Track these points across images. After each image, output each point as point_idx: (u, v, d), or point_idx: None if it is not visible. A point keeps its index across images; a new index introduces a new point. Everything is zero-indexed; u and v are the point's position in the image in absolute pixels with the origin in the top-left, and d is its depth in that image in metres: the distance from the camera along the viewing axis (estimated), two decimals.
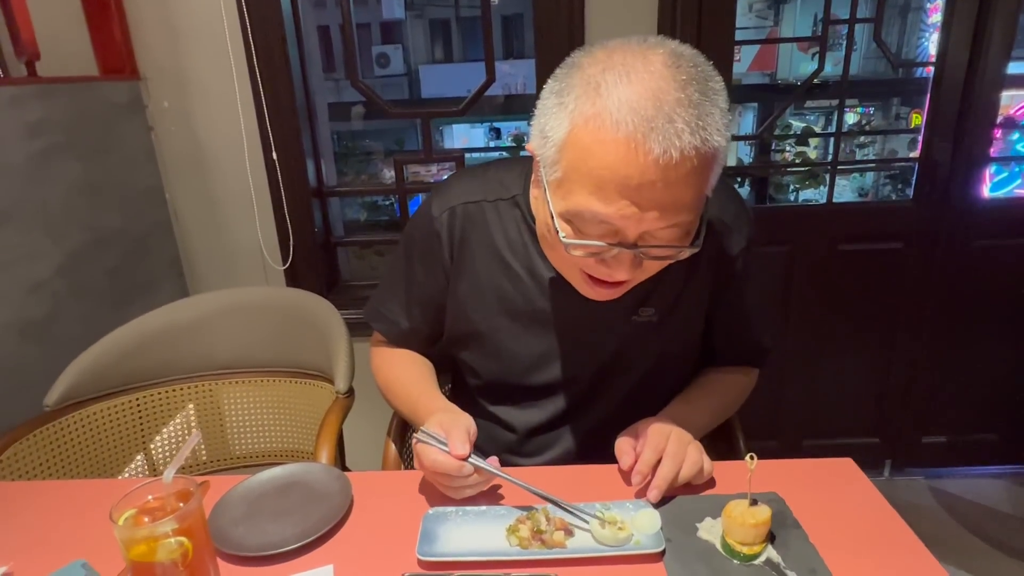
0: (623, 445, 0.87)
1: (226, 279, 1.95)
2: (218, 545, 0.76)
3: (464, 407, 1.12)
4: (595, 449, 0.99)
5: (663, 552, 0.74)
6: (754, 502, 0.75)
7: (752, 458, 0.74)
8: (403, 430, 1.17)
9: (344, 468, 1.41)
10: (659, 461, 0.82)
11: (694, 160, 0.68)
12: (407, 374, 1.03)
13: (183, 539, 0.59)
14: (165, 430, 1.43)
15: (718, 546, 0.75)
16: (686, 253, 0.77)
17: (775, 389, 2.16)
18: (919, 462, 2.28)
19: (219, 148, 1.85)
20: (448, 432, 0.79)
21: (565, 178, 0.73)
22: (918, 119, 2.39)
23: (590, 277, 0.81)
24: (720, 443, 1.15)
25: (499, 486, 0.86)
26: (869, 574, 0.71)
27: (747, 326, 1.06)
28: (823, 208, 2.04)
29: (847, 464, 0.91)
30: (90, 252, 1.59)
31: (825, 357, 2.14)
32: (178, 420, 1.46)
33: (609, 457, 0.89)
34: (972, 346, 2.12)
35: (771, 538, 0.75)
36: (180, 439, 1.45)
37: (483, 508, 0.82)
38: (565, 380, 0.99)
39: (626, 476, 0.85)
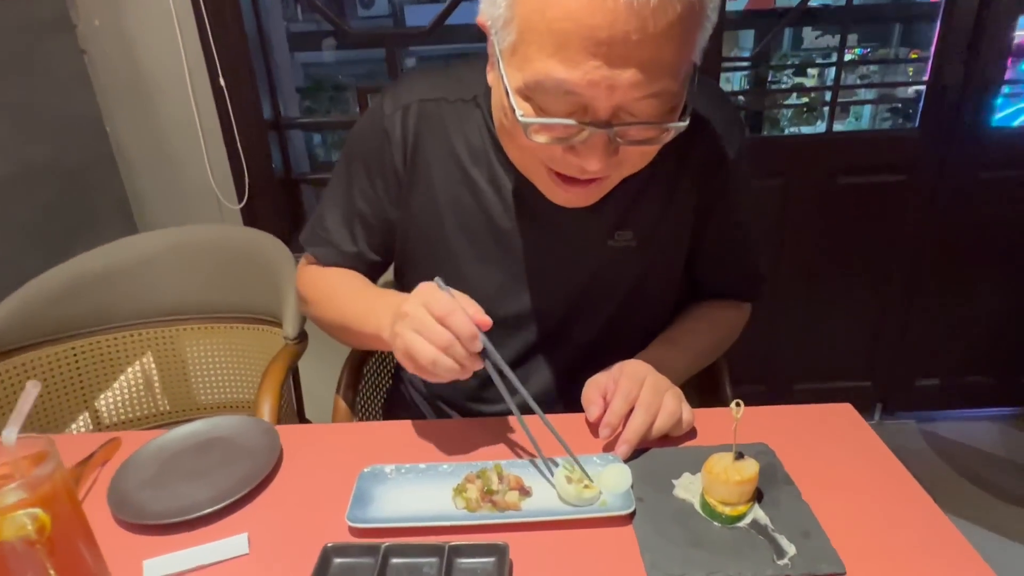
0: (591, 393, 0.77)
1: (179, 219, 1.81)
2: (115, 512, 0.66)
3: None
4: (566, 393, 0.88)
5: (633, 514, 0.64)
6: (739, 455, 0.64)
7: (738, 405, 0.62)
8: (354, 381, 1.05)
9: (305, 422, 1.32)
10: (632, 411, 0.72)
11: (677, 6, 0.55)
12: (350, 281, 0.88)
13: (37, 511, 0.48)
14: (112, 381, 1.32)
15: (697, 506, 0.65)
16: (671, 133, 0.64)
17: (765, 331, 2.06)
18: (911, 405, 2.22)
19: (160, 73, 1.67)
20: (460, 299, 0.67)
21: (520, 40, 0.60)
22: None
23: (558, 176, 0.69)
24: (705, 390, 1.05)
25: (451, 438, 0.76)
26: (871, 537, 0.61)
27: (738, 250, 0.93)
28: (822, 138, 1.90)
29: (845, 410, 0.81)
30: (18, 186, 1.44)
31: (818, 298, 2.03)
32: (127, 370, 1.34)
33: (579, 403, 0.79)
34: (971, 284, 2.02)
35: (758, 496, 0.65)
36: (130, 390, 1.34)
37: (424, 466, 0.71)
38: (532, 313, 0.87)
39: (594, 428, 0.75)
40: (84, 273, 1.27)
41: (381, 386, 1.18)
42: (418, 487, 0.68)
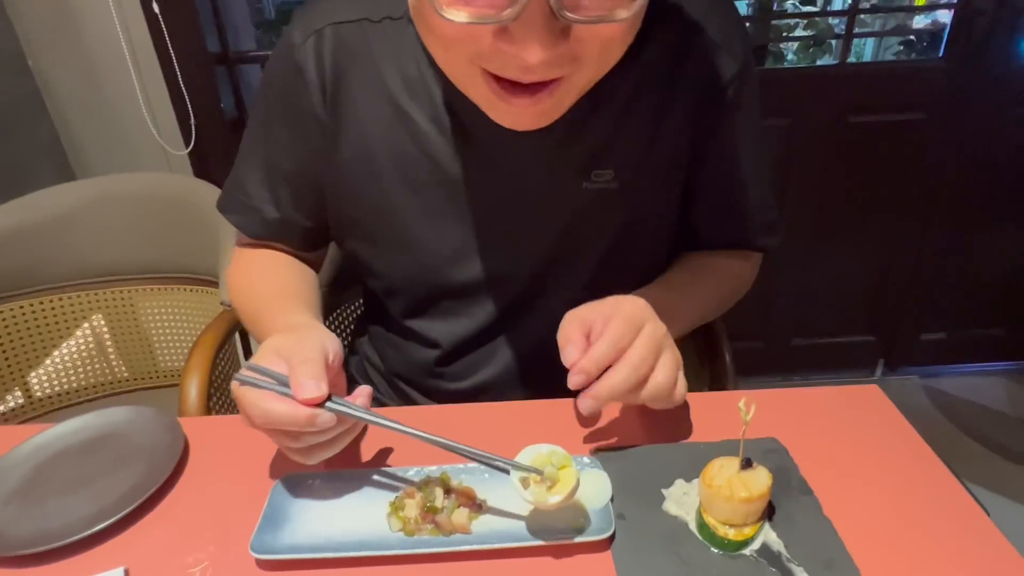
0: (572, 330, 0.58)
1: (120, 166, 1.62)
2: None
3: (376, 323, 0.87)
4: (535, 374, 0.74)
5: (612, 537, 0.51)
6: (747, 463, 0.51)
7: (747, 404, 0.48)
8: None
9: None
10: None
11: None
12: (264, 284, 0.74)
13: None
14: (39, 351, 1.18)
15: (692, 526, 0.52)
16: (635, 4, 0.48)
17: (764, 283, 1.91)
18: (915, 360, 2.11)
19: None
20: (290, 362, 0.52)
21: None
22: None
23: (497, 83, 0.52)
24: (701, 351, 0.92)
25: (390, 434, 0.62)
26: (915, 569, 0.48)
27: (746, 190, 0.76)
28: (835, 71, 1.72)
29: (871, 393, 0.67)
30: None
31: (822, 248, 1.89)
32: (55, 339, 1.20)
33: (555, 381, 0.65)
34: (986, 232, 1.88)
35: (769, 511, 0.52)
36: (60, 362, 1.19)
37: (349, 474, 0.57)
38: (495, 277, 0.72)
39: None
40: None
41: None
42: (347, 502, 0.55)
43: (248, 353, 1.15)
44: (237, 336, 1.19)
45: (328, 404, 0.50)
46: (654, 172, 0.69)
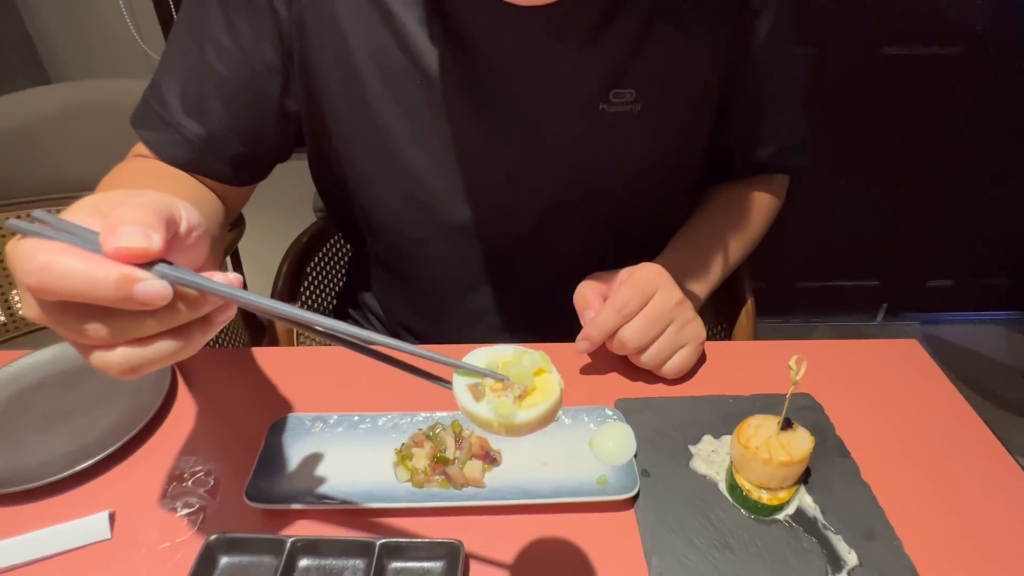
0: (589, 293, 0.58)
1: (98, 71, 1.51)
2: None
3: (366, 271, 0.77)
4: (543, 321, 0.68)
5: (636, 496, 0.47)
6: (788, 423, 0.47)
7: (797, 364, 0.44)
8: (293, 286, 0.85)
9: (251, 318, 1.13)
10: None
11: None
12: (125, 180, 0.57)
13: None
14: (5, 269, 1.12)
15: (722, 486, 0.48)
16: None
17: (774, 224, 1.86)
18: (918, 307, 2.08)
19: None
20: (112, 210, 0.29)
21: None
22: None
23: None
24: (720, 294, 0.87)
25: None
26: (960, 536, 0.45)
27: (779, 104, 0.70)
28: None
29: (910, 347, 0.63)
30: None
31: (834, 190, 1.81)
32: None
33: (561, 333, 0.61)
34: (1009, 181, 1.80)
35: (805, 475, 0.48)
36: None
37: (357, 417, 0.53)
38: (498, 214, 0.64)
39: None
40: None
41: (329, 289, 0.98)
42: (349, 447, 0.51)
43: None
44: (228, 260, 1.14)
45: (159, 267, 0.28)
46: (681, 96, 0.61)
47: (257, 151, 0.62)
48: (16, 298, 1.14)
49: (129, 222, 0.28)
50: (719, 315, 0.89)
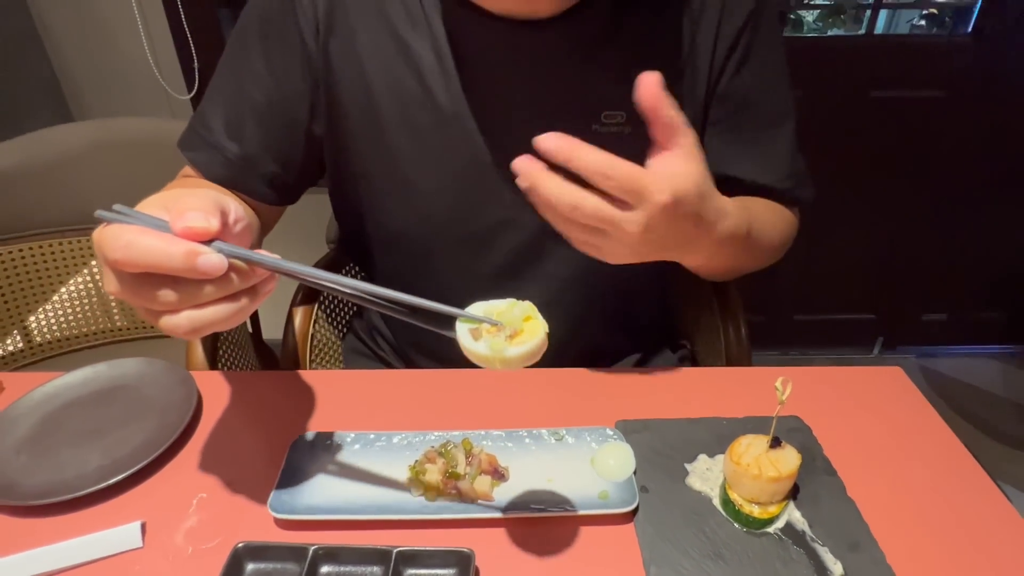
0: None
1: (120, 109, 1.58)
2: None
3: (376, 281, 0.82)
4: (554, 318, 0.71)
5: (635, 510, 0.50)
6: (776, 442, 0.50)
7: (783, 385, 0.48)
8: (306, 314, 0.88)
9: (263, 347, 1.17)
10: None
11: None
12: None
13: None
14: (37, 296, 1.16)
15: (716, 501, 0.51)
16: None
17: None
18: (914, 340, 2.12)
19: None
20: (175, 205, 0.39)
21: None
22: None
23: None
24: (717, 318, 0.91)
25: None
26: (939, 552, 0.48)
27: (771, 137, 0.72)
28: (859, 42, 1.66)
29: (894, 375, 0.66)
30: None
31: (829, 224, 1.86)
32: (54, 285, 1.17)
33: (566, 335, 0.63)
34: (999, 218, 1.86)
35: (794, 492, 0.52)
36: (57, 306, 1.17)
37: (374, 435, 0.56)
38: (504, 227, 0.68)
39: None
40: None
41: (341, 316, 1.02)
42: (366, 464, 0.54)
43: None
44: None
45: (217, 243, 0.38)
46: None
47: (288, 171, 0.69)
48: (33, 324, 1.18)
49: (193, 208, 0.37)
50: (714, 343, 0.93)
